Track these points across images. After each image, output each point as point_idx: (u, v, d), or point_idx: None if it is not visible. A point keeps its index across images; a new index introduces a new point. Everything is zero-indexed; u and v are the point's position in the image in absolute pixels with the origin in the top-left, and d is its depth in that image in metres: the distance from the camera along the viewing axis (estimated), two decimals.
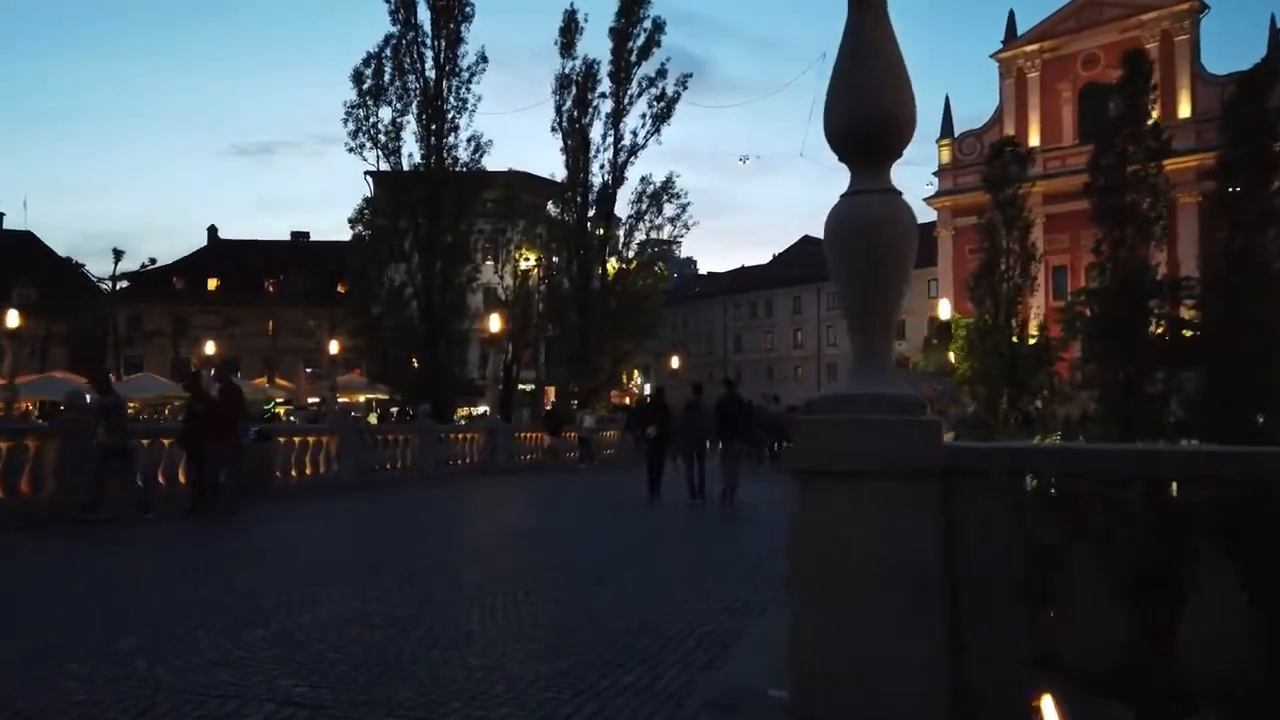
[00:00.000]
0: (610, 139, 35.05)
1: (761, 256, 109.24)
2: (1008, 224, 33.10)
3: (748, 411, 16.03)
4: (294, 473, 15.51)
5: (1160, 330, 29.62)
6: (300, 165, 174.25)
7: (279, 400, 45.75)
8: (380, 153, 32.30)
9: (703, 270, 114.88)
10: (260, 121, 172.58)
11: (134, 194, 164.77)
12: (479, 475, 20.90)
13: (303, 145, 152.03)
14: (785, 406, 27.97)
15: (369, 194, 34.87)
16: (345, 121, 32.09)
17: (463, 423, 33.85)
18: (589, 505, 15.39)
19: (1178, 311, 30.87)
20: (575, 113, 34.79)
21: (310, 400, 46.82)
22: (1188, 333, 30.47)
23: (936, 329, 24.89)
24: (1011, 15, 68.08)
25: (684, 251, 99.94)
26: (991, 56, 68.63)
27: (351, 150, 32.18)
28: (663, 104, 34.92)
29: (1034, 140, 56.24)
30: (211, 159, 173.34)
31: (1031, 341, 33.56)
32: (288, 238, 71.81)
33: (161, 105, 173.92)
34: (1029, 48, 66.02)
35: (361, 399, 45.32)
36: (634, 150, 34.99)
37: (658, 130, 34.91)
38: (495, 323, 24.07)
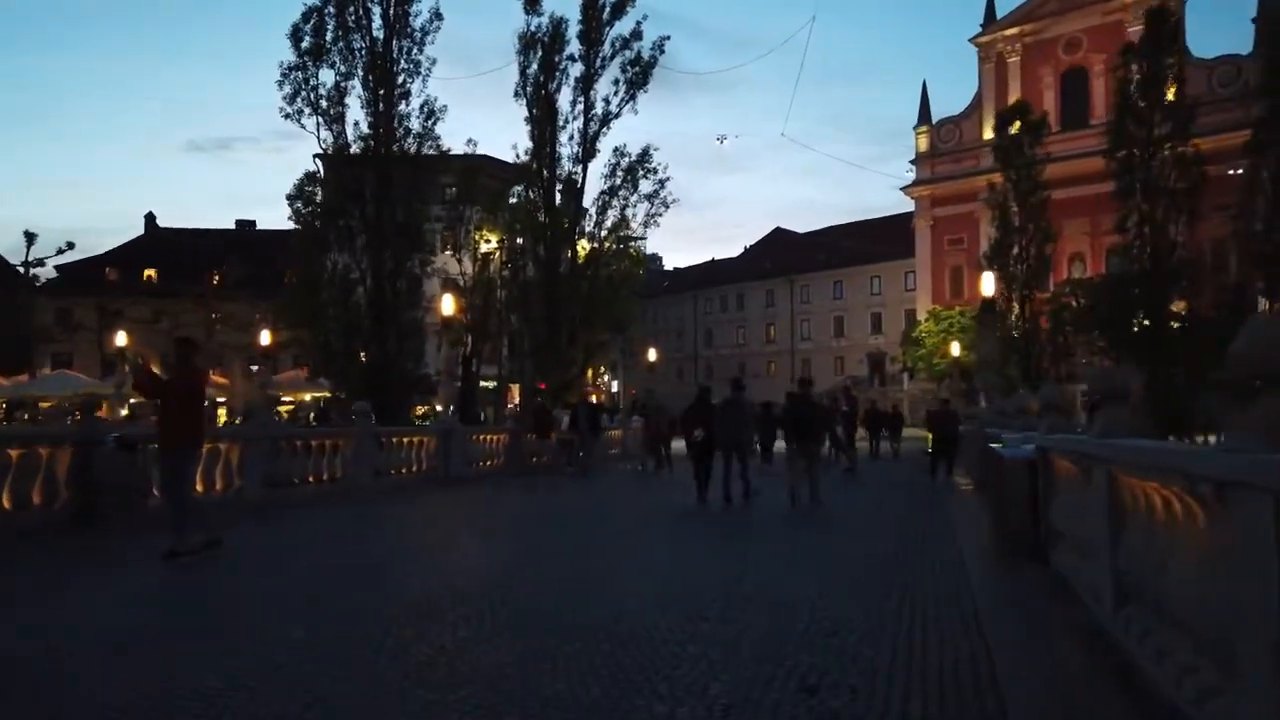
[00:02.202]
0: (580, 107, 31.54)
1: (730, 254, 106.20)
2: (1021, 198, 29.99)
3: (821, 413, 15.38)
4: None
5: (1149, 322, 27.41)
6: (260, 161, 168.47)
7: (218, 400, 41.97)
8: (321, 119, 28.45)
9: (668, 267, 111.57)
10: (219, 117, 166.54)
11: (86, 191, 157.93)
12: (430, 487, 17.27)
13: (261, 141, 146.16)
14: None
15: (311, 170, 31.11)
16: (281, 84, 28.26)
17: (427, 423, 30.30)
18: (576, 528, 11.90)
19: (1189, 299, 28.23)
20: (541, 77, 31.24)
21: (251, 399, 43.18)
22: (1175, 324, 28.09)
23: (980, 308, 21.88)
24: None
25: (650, 247, 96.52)
26: (970, 40, 66.40)
27: (288, 116, 28.28)
28: (637, 69, 31.44)
29: (1013, 128, 54.49)
30: (167, 155, 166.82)
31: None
32: (232, 226, 67.44)
33: (120, 101, 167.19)
34: (1009, 31, 63.79)
35: (308, 397, 41.84)
36: (606, 120, 31.45)
37: (632, 98, 31.44)
38: (448, 304, 20.34)
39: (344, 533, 11.47)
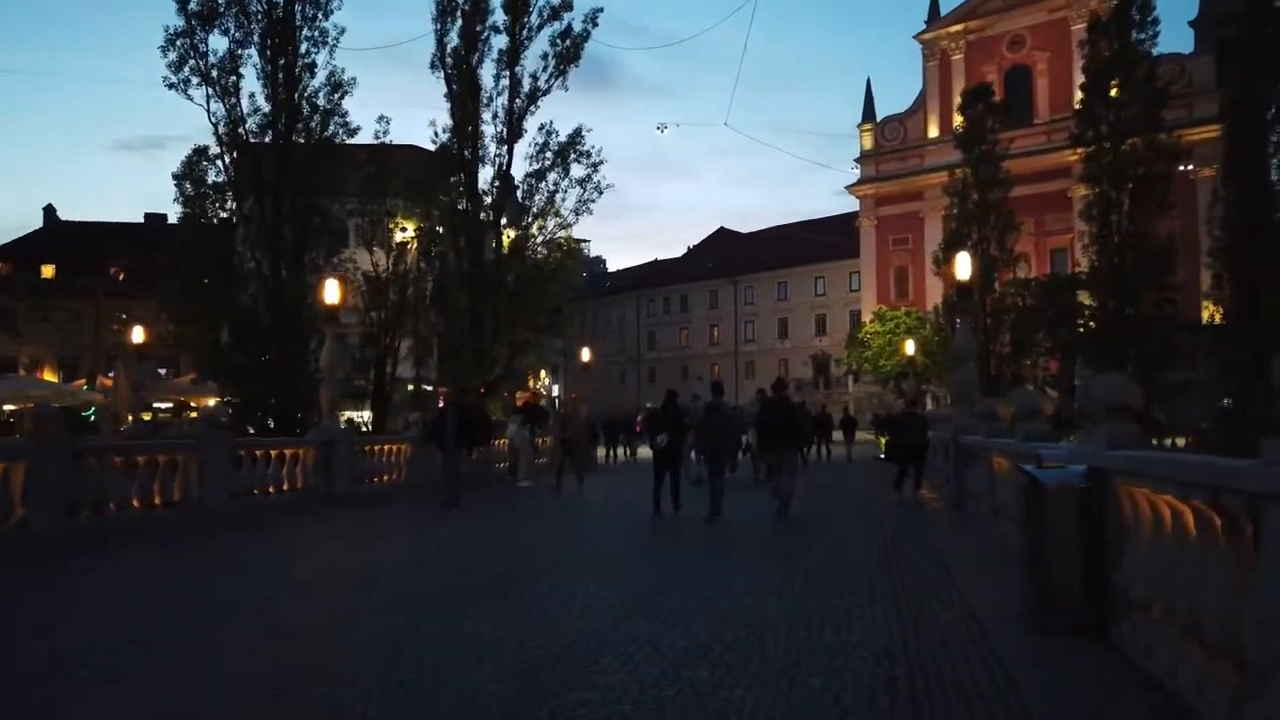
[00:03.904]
0: (505, 82, 28.67)
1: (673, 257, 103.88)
2: (981, 186, 27.96)
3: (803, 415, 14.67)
4: None
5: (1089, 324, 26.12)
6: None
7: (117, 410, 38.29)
8: (211, 90, 25.16)
9: (611, 269, 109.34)
10: (153, 115, 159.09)
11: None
12: (300, 511, 14.20)
13: (195, 140, 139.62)
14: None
15: (202, 145, 27.76)
16: (165, 51, 24.90)
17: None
18: (444, 573, 9.10)
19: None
20: (462, 49, 28.33)
21: (158, 406, 39.78)
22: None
23: (955, 294, 19.85)
24: None
25: (592, 250, 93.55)
26: (914, 37, 65.25)
27: (172, 86, 24.87)
28: (568, 42, 28.67)
29: (958, 121, 53.39)
30: (93, 154, 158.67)
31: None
32: (140, 219, 62.84)
33: (50, 99, 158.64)
34: (953, 28, 62.66)
35: (212, 402, 38.41)
36: (534, 97, 28.47)
37: (562, 74, 28.54)
38: (332, 291, 17.28)
39: (130, 587, 8.36)
